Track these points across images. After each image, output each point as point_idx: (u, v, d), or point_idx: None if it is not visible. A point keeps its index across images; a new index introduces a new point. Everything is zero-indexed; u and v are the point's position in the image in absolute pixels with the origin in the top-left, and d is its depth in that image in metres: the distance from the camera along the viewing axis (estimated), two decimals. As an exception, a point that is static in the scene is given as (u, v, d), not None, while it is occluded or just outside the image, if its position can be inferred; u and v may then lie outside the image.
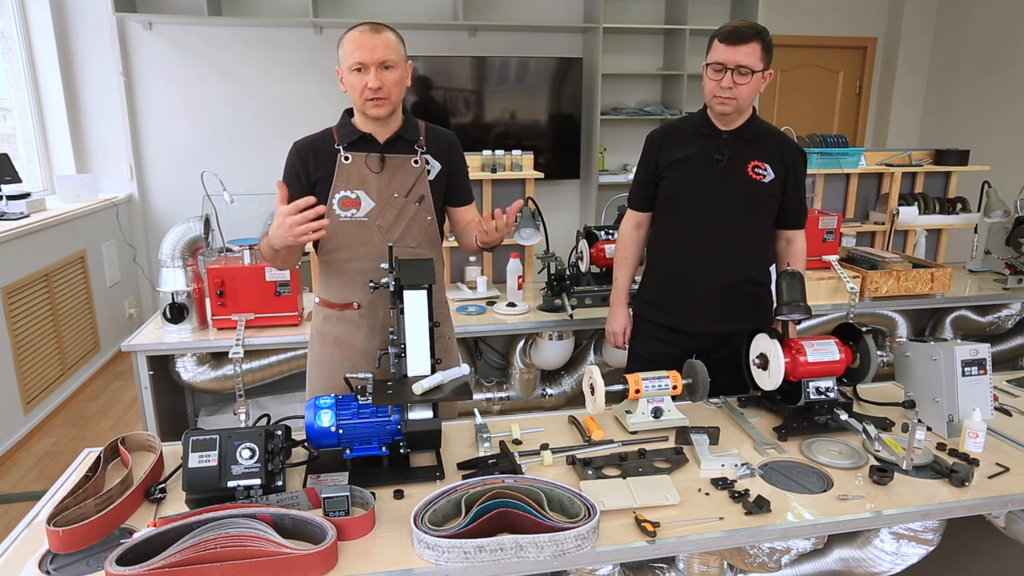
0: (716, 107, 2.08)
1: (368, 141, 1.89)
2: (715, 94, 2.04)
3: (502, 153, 3.45)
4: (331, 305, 1.96)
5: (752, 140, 2.13)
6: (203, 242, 2.62)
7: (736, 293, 2.19)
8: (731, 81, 2.00)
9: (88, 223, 4.43)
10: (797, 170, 2.17)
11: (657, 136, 2.24)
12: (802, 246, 2.28)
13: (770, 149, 2.14)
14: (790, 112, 6.13)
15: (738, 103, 2.03)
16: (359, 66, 1.76)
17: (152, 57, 4.85)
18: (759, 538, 1.44)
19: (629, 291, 2.40)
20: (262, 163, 5.04)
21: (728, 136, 2.13)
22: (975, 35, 5.66)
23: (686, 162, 2.16)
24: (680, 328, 2.23)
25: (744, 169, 2.12)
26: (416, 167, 1.92)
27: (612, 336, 2.42)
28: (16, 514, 2.97)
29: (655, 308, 2.28)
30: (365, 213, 1.89)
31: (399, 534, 1.38)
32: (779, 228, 2.25)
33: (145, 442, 1.70)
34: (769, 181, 2.13)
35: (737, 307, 2.20)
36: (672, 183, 2.19)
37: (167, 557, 1.20)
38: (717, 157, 2.12)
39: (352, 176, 1.88)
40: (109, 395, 4.19)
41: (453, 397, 1.55)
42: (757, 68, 1.99)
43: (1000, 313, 3.35)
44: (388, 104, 1.81)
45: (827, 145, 3.67)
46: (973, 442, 1.72)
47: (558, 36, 5.42)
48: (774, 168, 2.13)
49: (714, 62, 2.02)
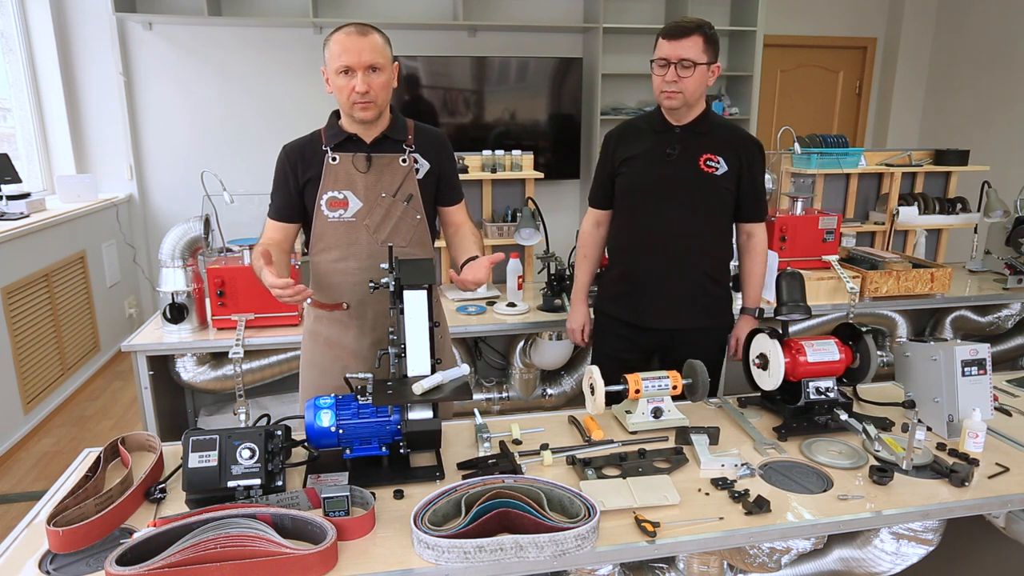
0: (664, 102, 2.11)
1: (355, 141, 1.89)
2: (662, 89, 2.08)
3: (502, 153, 3.44)
4: (321, 305, 1.96)
5: (705, 134, 2.15)
6: (203, 242, 2.62)
7: (692, 288, 2.21)
8: (675, 75, 2.03)
9: (88, 223, 4.43)
10: (753, 163, 2.17)
11: (613, 134, 2.27)
12: (762, 239, 2.28)
13: (723, 142, 2.16)
14: (790, 112, 6.13)
15: (684, 97, 2.06)
16: (346, 69, 1.76)
17: (152, 57, 4.85)
18: (759, 538, 1.44)
19: (589, 289, 2.43)
20: (262, 163, 5.04)
21: (680, 131, 2.15)
22: (975, 35, 5.66)
23: (639, 158, 2.18)
24: (638, 324, 2.25)
25: (696, 163, 2.14)
26: (404, 166, 1.91)
27: (571, 333, 2.46)
28: (16, 514, 2.97)
29: (614, 304, 2.31)
30: (353, 213, 1.89)
31: (399, 534, 1.38)
32: (737, 222, 2.27)
33: (145, 442, 1.70)
34: (722, 174, 2.14)
35: (693, 302, 2.21)
36: (626, 179, 2.22)
37: (167, 557, 1.20)
38: (668, 151, 2.14)
39: (339, 176, 1.88)
40: (109, 395, 4.18)
41: (453, 397, 1.55)
42: (700, 61, 2.03)
43: (1000, 313, 3.35)
44: (375, 107, 1.81)
45: (827, 145, 3.67)
46: (973, 442, 1.72)
47: (558, 36, 5.42)
48: (727, 161, 2.14)
49: (658, 58, 2.07)
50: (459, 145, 4.23)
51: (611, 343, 2.34)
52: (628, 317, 2.26)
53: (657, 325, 2.23)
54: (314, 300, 1.99)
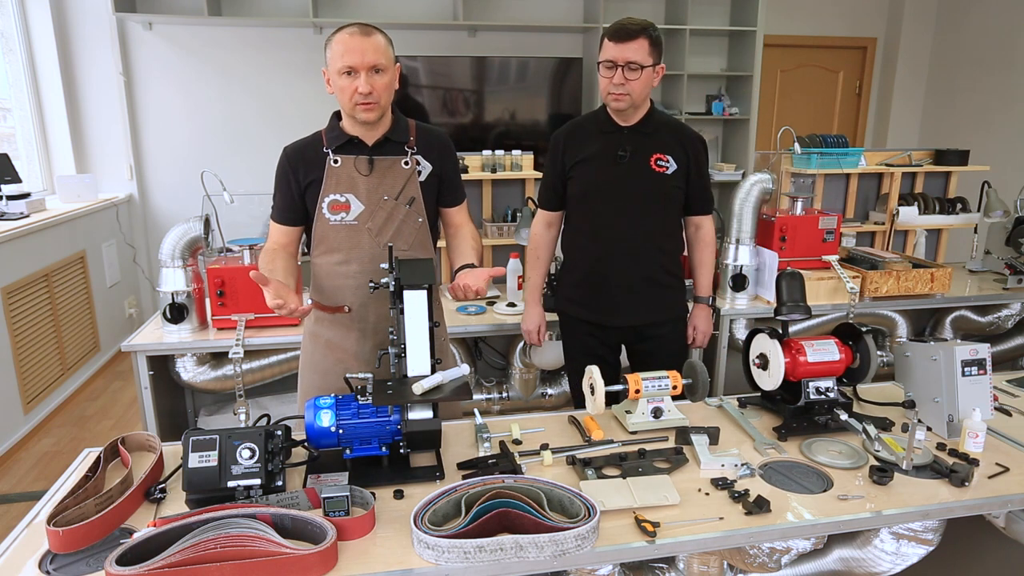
0: (612, 104, 2.14)
1: (356, 144, 1.87)
2: (609, 91, 2.12)
3: (502, 153, 3.45)
4: (323, 307, 1.95)
5: (651, 133, 2.20)
6: (203, 242, 2.62)
7: (651, 285, 2.26)
8: (622, 77, 2.07)
9: (88, 223, 4.43)
10: (699, 158, 2.24)
11: (561, 136, 2.29)
12: (710, 230, 2.37)
13: (670, 141, 2.21)
14: (790, 112, 6.13)
15: (632, 98, 2.10)
16: (349, 69, 1.74)
17: (152, 57, 4.85)
18: (759, 538, 1.44)
19: (542, 290, 2.46)
20: (262, 163, 5.04)
21: (628, 131, 2.19)
22: (975, 35, 5.66)
23: (591, 161, 2.21)
24: (601, 323, 2.30)
25: (647, 163, 2.18)
26: (406, 168, 1.90)
27: (527, 334, 2.47)
28: (16, 514, 2.97)
29: (576, 305, 2.35)
30: (355, 216, 1.88)
31: (399, 534, 1.37)
32: (687, 215, 2.34)
33: (145, 442, 1.70)
34: (672, 172, 2.19)
35: (653, 299, 2.27)
36: (579, 183, 2.24)
37: (167, 557, 1.20)
38: (620, 154, 2.17)
39: (341, 179, 1.87)
40: (109, 395, 4.19)
41: (453, 397, 1.55)
42: (647, 63, 2.06)
43: (1000, 313, 3.35)
44: (378, 108, 1.79)
45: (827, 145, 3.67)
46: (973, 442, 1.72)
47: (558, 36, 5.42)
48: (676, 159, 2.19)
49: (605, 60, 2.10)
50: (459, 145, 4.20)
51: (580, 342, 2.39)
52: (592, 317, 2.31)
53: (620, 323, 2.28)
54: (315, 301, 1.99)
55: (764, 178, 3.01)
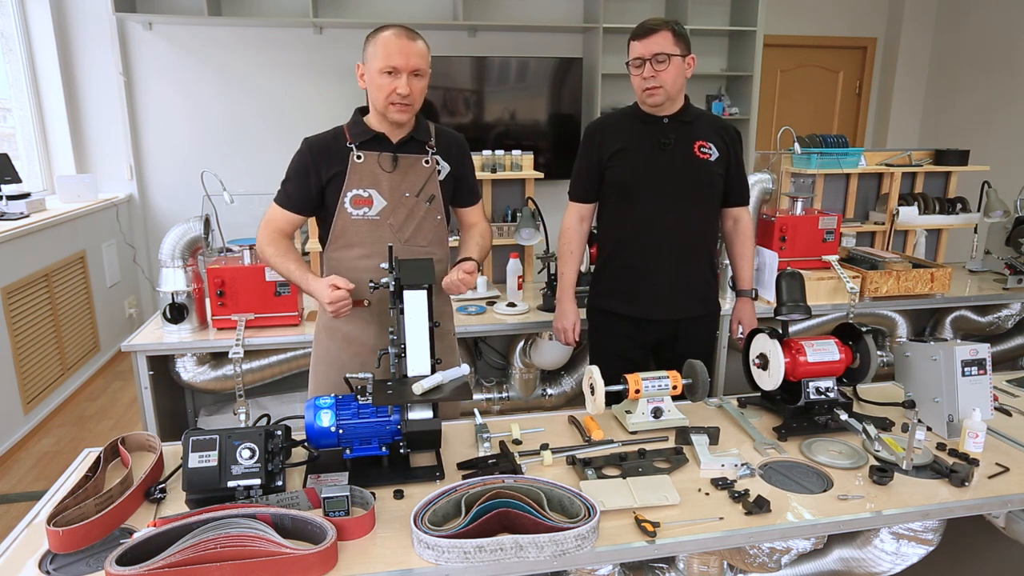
0: (648, 100, 2.14)
1: (380, 140, 1.91)
2: (643, 88, 2.12)
3: (502, 153, 3.44)
4: None
5: (691, 122, 2.20)
6: (203, 242, 2.62)
7: (693, 277, 2.24)
8: (652, 70, 2.07)
9: (88, 223, 4.43)
10: (736, 148, 2.24)
11: (596, 127, 2.28)
12: (748, 223, 2.36)
13: (709, 129, 2.21)
14: (790, 112, 6.13)
15: (666, 90, 2.10)
16: (391, 69, 1.78)
17: (152, 57, 4.85)
18: (759, 538, 1.44)
19: (576, 285, 2.39)
20: (262, 163, 5.04)
21: (669, 120, 2.18)
22: (975, 35, 5.66)
23: (632, 149, 2.19)
24: (642, 317, 2.25)
25: (691, 149, 2.17)
26: (427, 167, 1.94)
27: (562, 333, 2.38)
28: (16, 514, 2.97)
29: (614, 299, 2.29)
30: (377, 212, 1.91)
31: (399, 534, 1.38)
32: (724, 207, 2.32)
33: (145, 442, 1.70)
34: (715, 159, 2.19)
35: (694, 291, 2.25)
36: (619, 171, 2.21)
37: (167, 557, 1.20)
38: (664, 140, 2.16)
39: (364, 175, 1.89)
40: (109, 395, 4.18)
41: (453, 397, 1.56)
42: (674, 53, 2.06)
43: (1000, 313, 3.35)
44: (411, 111, 1.85)
45: (827, 145, 3.67)
46: (973, 442, 1.72)
47: (558, 36, 5.42)
48: (716, 147, 2.19)
49: (633, 58, 2.11)
50: (459, 145, 4.22)
51: (613, 342, 2.33)
52: (631, 311, 2.25)
53: (661, 316, 2.23)
54: None
55: (764, 178, 3.01)
